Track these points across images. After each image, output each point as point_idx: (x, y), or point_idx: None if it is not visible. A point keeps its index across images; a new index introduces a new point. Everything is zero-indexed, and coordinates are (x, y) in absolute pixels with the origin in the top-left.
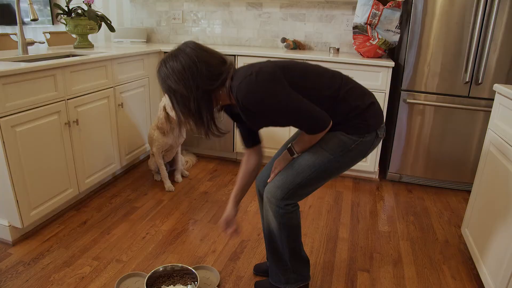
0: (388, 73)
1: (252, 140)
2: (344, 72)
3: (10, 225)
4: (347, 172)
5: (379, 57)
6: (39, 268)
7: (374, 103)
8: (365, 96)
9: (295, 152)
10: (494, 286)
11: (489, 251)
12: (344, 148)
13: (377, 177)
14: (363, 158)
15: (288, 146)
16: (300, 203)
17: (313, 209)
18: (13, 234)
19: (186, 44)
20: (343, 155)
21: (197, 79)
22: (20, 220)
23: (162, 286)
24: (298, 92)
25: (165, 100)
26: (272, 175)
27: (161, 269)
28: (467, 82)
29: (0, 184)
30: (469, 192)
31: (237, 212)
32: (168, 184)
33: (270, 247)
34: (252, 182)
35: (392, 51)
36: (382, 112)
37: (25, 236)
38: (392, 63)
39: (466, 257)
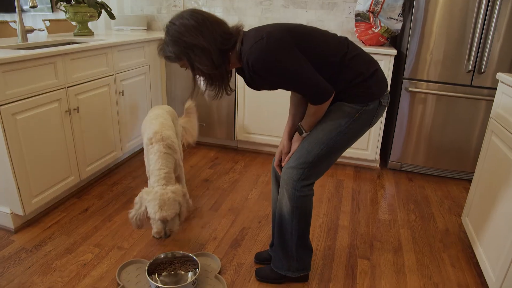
0: (390, 62)
1: None
2: None
3: (12, 213)
4: (348, 160)
5: (381, 45)
6: (41, 255)
7: (377, 70)
8: (370, 63)
9: (303, 131)
10: (493, 274)
11: (489, 239)
12: (349, 118)
13: (378, 165)
14: (369, 128)
15: (297, 126)
16: None
17: (314, 197)
18: (15, 222)
19: (189, 9)
20: (349, 126)
21: (214, 34)
22: (22, 208)
23: (163, 273)
24: (304, 56)
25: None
26: (286, 158)
27: (162, 256)
28: (469, 71)
29: (2, 172)
30: (470, 181)
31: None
32: None
33: (279, 232)
34: (302, 114)
35: (394, 39)
36: (385, 80)
37: (27, 223)
38: (394, 51)
39: (466, 245)
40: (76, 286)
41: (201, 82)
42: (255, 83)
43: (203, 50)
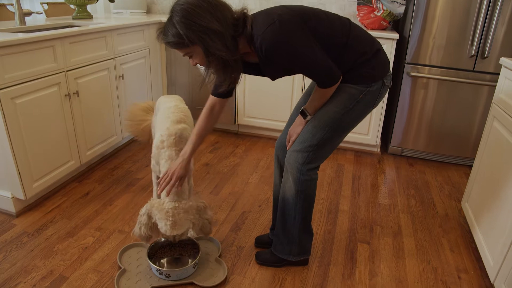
0: (392, 46)
1: (226, 91)
2: None
3: (13, 197)
4: (348, 145)
5: (384, 29)
6: (43, 239)
7: (380, 50)
8: (373, 43)
9: (308, 114)
10: (491, 259)
11: (488, 225)
12: (353, 100)
13: (378, 150)
14: (372, 108)
15: (301, 109)
16: None
17: None
18: (17, 206)
19: None
20: (352, 108)
21: (226, 18)
22: (23, 192)
23: (164, 256)
24: (313, 38)
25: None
26: (290, 143)
27: (163, 239)
28: (472, 56)
29: (2, 156)
30: (470, 167)
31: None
32: None
33: (281, 217)
34: (210, 129)
35: (396, 23)
36: (388, 60)
37: (29, 207)
38: (396, 35)
39: (465, 230)
40: (78, 269)
41: (207, 70)
42: (265, 68)
43: (218, 35)
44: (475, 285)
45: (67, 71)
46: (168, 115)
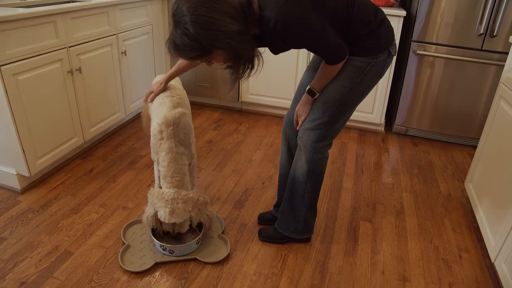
0: (399, 23)
1: None
2: None
3: (18, 174)
4: (352, 124)
5: (390, 6)
6: (48, 215)
7: (385, 19)
8: (377, 12)
9: (315, 92)
10: (493, 239)
11: (491, 205)
12: (360, 73)
13: (382, 129)
14: (380, 78)
15: (308, 88)
16: None
17: None
18: (21, 183)
19: None
20: (360, 81)
21: (236, 9)
22: (27, 169)
23: (167, 232)
24: (320, 14)
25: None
26: (300, 123)
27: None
28: (481, 34)
29: (6, 133)
30: (474, 147)
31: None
32: None
33: (289, 195)
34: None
35: (404, 0)
36: (393, 28)
37: (33, 184)
38: (403, 13)
39: (467, 210)
40: (83, 245)
41: (232, 68)
42: (273, 46)
43: (241, 34)
44: (476, 264)
45: (69, 47)
46: (163, 100)
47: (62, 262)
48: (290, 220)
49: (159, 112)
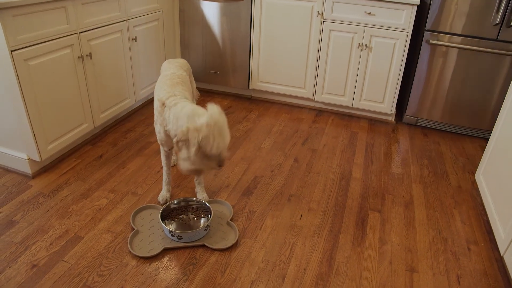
0: (413, 12)
1: None
2: (365, 9)
3: (29, 159)
4: (362, 113)
5: None
6: (58, 200)
7: None
8: None
9: None
10: (503, 232)
11: (502, 198)
12: None
13: (393, 119)
14: None
15: None
16: (314, 141)
17: (327, 148)
18: (32, 167)
19: None
20: None
21: None
22: (38, 154)
23: (176, 218)
24: None
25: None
26: None
27: (175, 202)
28: (497, 24)
29: (18, 118)
30: (486, 139)
31: None
32: None
33: None
34: None
35: None
36: None
37: (44, 169)
38: (417, 1)
39: (477, 203)
40: (92, 230)
41: None
42: None
43: None
44: (485, 257)
45: (80, 32)
46: (164, 82)
47: (72, 246)
48: None
49: (160, 92)
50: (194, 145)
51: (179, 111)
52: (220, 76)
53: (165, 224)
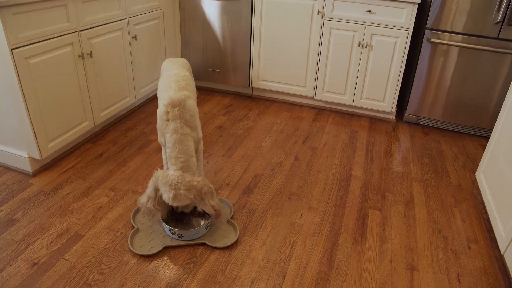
0: (413, 10)
1: None
2: (366, 8)
3: (29, 157)
4: (363, 112)
5: None
6: (59, 198)
7: None
8: None
9: None
10: (503, 230)
11: (503, 196)
12: None
13: (393, 118)
14: None
15: None
16: (314, 140)
17: (327, 146)
18: (33, 165)
19: None
20: None
21: None
22: (38, 152)
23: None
24: None
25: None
26: None
27: None
28: (498, 22)
29: (18, 117)
30: (486, 138)
31: None
32: None
33: None
34: None
35: None
36: None
37: (44, 167)
38: None
39: (477, 201)
40: (93, 228)
41: None
42: None
43: None
44: (485, 255)
45: (80, 31)
46: (169, 84)
47: (73, 244)
48: None
49: (166, 94)
50: (153, 190)
51: (169, 151)
52: (220, 75)
53: (165, 223)
